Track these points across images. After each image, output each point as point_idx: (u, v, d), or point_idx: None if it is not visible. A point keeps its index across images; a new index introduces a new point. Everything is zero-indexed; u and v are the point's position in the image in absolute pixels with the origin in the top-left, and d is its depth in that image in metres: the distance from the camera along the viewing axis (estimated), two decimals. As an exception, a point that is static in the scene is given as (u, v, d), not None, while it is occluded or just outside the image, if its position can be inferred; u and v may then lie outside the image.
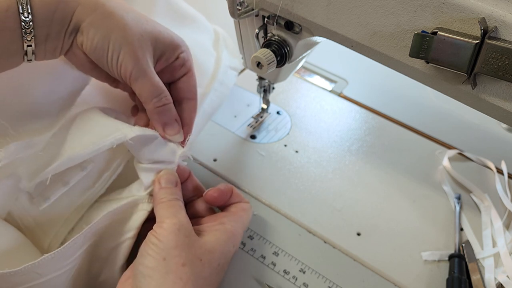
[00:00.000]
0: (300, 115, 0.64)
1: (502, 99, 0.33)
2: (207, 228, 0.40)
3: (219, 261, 0.38)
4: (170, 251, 0.35)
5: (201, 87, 0.54)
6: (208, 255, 0.38)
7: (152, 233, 0.37)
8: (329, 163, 0.58)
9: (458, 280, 0.44)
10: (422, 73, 0.36)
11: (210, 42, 0.60)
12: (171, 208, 0.39)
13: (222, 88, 0.57)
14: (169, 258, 0.35)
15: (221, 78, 0.57)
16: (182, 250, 0.36)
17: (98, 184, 0.43)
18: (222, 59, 0.59)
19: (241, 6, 0.43)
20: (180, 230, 0.37)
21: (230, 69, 0.60)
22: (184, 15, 0.57)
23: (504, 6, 0.31)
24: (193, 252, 0.36)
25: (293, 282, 0.45)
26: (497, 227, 0.50)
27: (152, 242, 0.36)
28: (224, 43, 0.61)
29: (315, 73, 0.73)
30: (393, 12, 0.34)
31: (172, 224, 0.37)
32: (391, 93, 0.70)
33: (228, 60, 0.60)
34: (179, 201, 0.41)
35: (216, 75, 0.57)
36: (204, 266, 0.37)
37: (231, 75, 0.60)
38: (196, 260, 0.36)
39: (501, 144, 0.62)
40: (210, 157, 0.57)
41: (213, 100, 0.55)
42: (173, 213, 0.39)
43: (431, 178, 0.57)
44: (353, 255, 0.48)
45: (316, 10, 0.39)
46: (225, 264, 0.40)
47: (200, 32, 0.59)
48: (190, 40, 0.54)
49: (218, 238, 0.39)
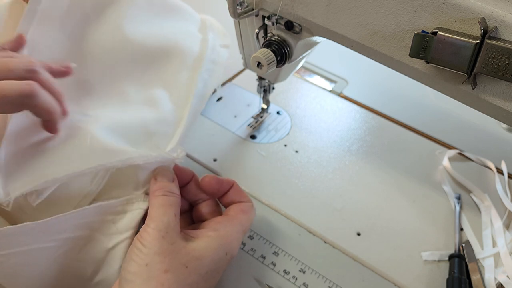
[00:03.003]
0: (300, 115, 0.64)
1: (502, 99, 0.33)
2: (200, 234, 0.39)
3: (208, 268, 0.37)
4: (153, 257, 0.35)
5: (188, 70, 0.56)
6: (195, 262, 0.37)
7: (137, 237, 0.37)
8: (329, 163, 0.58)
9: (458, 280, 0.44)
10: (422, 73, 0.36)
11: (195, 27, 0.61)
12: (161, 207, 0.38)
13: (215, 67, 0.58)
14: (151, 264, 0.35)
15: (212, 57, 0.58)
16: (165, 256, 0.35)
17: (96, 181, 0.43)
18: (208, 39, 0.60)
19: (241, 6, 0.43)
20: (165, 236, 0.36)
21: (220, 46, 0.61)
22: (167, 7, 0.57)
23: (504, 6, 0.31)
24: (178, 259, 0.36)
25: (293, 282, 0.45)
26: (497, 227, 0.50)
27: (137, 247, 0.36)
28: (211, 27, 0.62)
29: (315, 73, 0.73)
30: (393, 12, 0.34)
31: (157, 229, 0.36)
32: (391, 93, 0.70)
33: (216, 39, 0.61)
34: (172, 196, 0.40)
35: (203, 55, 0.58)
36: (190, 273, 0.36)
37: (221, 52, 0.61)
38: (181, 267, 0.36)
39: (501, 144, 0.62)
40: (210, 157, 0.57)
41: (206, 79, 0.56)
42: (161, 214, 0.38)
43: (431, 178, 0.57)
44: (353, 255, 0.48)
45: (316, 10, 0.39)
46: (215, 272, 0.38)
47: (184, 20, 0.60)
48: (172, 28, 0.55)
49: (209, 245, 0.38)
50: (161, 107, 0.52)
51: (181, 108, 0.54)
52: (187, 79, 0.56)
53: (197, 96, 0.55)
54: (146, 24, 0.54)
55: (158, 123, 0.51)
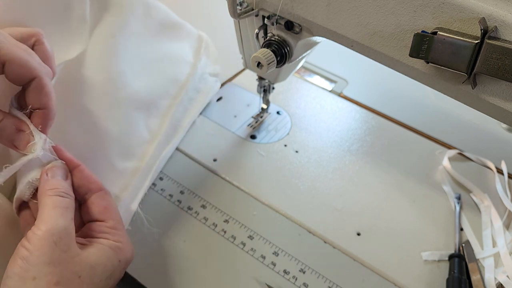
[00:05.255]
0: (300, 115, 0.64)
1: (502, 99, 0.33)
2: (93, 240, 0.36)
3: (101, 277, 0.34)
4: (42, 267, 0.31)
5: (170, 98, 0.53)
6: (89, 270, 0.33)
7: (22, 243, 0.32)
8: (329, 163, 0.58)
9: (458, 280, 0.44)
10: (422, 73, 0.36)
11: (190, 50, 0.59)
12: (56, 208, 0.33)
13: (198, 96, 0.55)
14: (40, 277, 0.30)
15: (197, 86, 0.56)
16: (56, 266, 0.31)
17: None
18: (198, 67, 0.57)
19: (241, 6, 0.43)
20: (57, 242, 0.32)
21: (210, 75, 0.58)
22: (163, 23, 0.55)
23: (504, 6, 0.31)
24: (70, 268, 0.32)
25: (293, 282, 0.45)
26: (497, 227, 0.50)
27: (22, 255, 0.31)
28: (206, 51, 0.60)
29: (315, 73, 0.73)
30: (393, 12, 0.34)
31: (50, 233, 0.31)
32: (391, 93, 0.70)
33: (208, 67, 0.58)
34: (69, 198, 0.35)
35: (186, 84, 0.55)
36: (83, 283, 0.33)
37: (210, 81, 0.58)
38: (74, 277, 0.32)
39: (501, 144, 0.62)
40: (210, 157, 0.57)
41: (185, 107, 0.54)
42: (57, 216, 0.33)
43: (431, 178, 0.57)
44: (353, 255, 0.48)
45: (316, 10, 0.39)
46: (109, 279, 0.35)
47: (179, 39, 0.57)
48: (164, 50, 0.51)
49: (102, 252, 0.35)
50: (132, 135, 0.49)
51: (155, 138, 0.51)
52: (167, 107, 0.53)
53: (171, 126, 0.53)
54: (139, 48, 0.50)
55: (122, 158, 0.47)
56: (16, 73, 0.33)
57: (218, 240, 0.48)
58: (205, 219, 0.50)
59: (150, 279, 0.45)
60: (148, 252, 0.47)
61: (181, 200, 0.52)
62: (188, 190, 0.53)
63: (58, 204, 0.34)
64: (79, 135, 0.44)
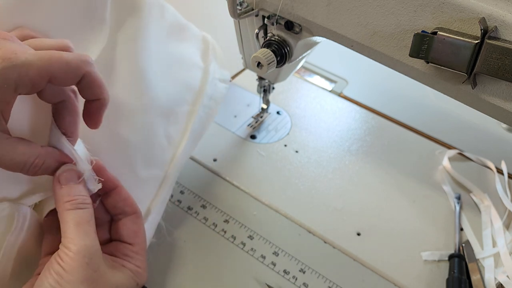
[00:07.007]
0: (300, 115, 0.64)
1: (502, 99, 0.33)
2: (117, 264, 0.37)
3: None
4: (76, 285, 0.32)
5: (188, 104, 0.51)
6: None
7: (56, 258, 0.32)
8: (329, 163, 0.58)
9: (458, 280, 0.44)
10: (422, 73, 0.36)
11: (197, 52, 0.56)
12: (79, 226, 0.33)
13: (211, 103, 0.54)
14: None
15: (210, 92, 0.54)
16: (89, 284, 0.32)
17: None
18: (210, 72, 0.55)
19: (241, 6, 0.43)
20: (89, 263, 0.33)
21: (219, 81, 0.57)
22: (173, 25, 0.53)
23: (504, 6, 0.31)
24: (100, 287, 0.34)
25: (293, 282, 0.45)
26: (497, 227, 0.50)
27: (56, 271, 0.32)
28: (213, 54, 0.57)
29: (315, 73, 0.73)
30: (393, 12, 0.34)
31: (81, 254, 0.32)
32: (391, 93, 0.70)
33: (217, 72, 0.56)
34: (87, 208, 0.35)
35: (204, 89, 0.53)
36: None
37: (221, 88, 0.56)
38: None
39: (501, 144, 0.62)
40: (210, 157, 0.57)
41: (201, 117, 0.52)
42: (82, 235, 0.33)
43: (431, 178, 0.57)
44: (353, 255, 0.48)
45: (316, 10, 0.39)
46: None
47: (187, 42, 0.55)
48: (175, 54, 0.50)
49: (124, 275, 0.36)
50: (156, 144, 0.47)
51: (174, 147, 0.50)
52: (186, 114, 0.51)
53: (191, 135, 0.51)
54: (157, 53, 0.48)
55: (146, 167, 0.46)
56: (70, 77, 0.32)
57: (218, 240, 0.48)
58: (205, 219, 0.50)
59: (150, 279, 0.45)
60: (148, 252, 0.47)
61: (181, 200, 0.52)
62: (188, 190, 0.53)
63: (80, 220, 0.34)
64: (103, 143, 0.43)
